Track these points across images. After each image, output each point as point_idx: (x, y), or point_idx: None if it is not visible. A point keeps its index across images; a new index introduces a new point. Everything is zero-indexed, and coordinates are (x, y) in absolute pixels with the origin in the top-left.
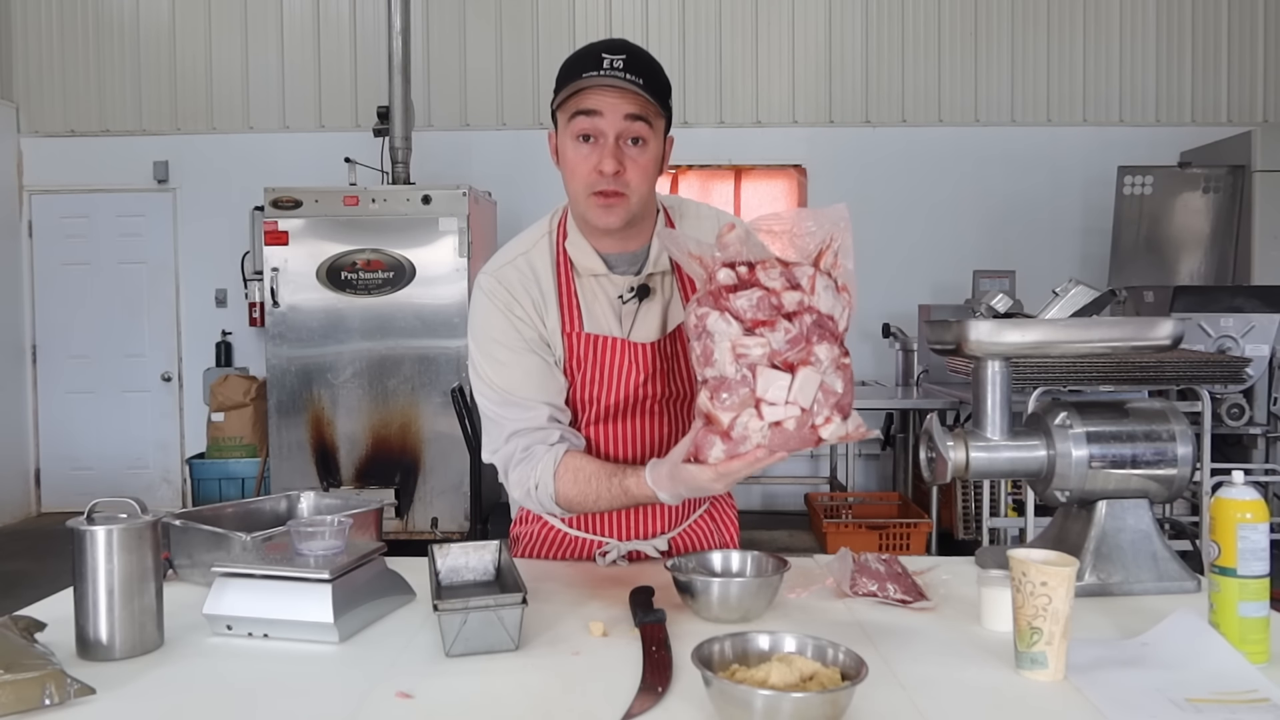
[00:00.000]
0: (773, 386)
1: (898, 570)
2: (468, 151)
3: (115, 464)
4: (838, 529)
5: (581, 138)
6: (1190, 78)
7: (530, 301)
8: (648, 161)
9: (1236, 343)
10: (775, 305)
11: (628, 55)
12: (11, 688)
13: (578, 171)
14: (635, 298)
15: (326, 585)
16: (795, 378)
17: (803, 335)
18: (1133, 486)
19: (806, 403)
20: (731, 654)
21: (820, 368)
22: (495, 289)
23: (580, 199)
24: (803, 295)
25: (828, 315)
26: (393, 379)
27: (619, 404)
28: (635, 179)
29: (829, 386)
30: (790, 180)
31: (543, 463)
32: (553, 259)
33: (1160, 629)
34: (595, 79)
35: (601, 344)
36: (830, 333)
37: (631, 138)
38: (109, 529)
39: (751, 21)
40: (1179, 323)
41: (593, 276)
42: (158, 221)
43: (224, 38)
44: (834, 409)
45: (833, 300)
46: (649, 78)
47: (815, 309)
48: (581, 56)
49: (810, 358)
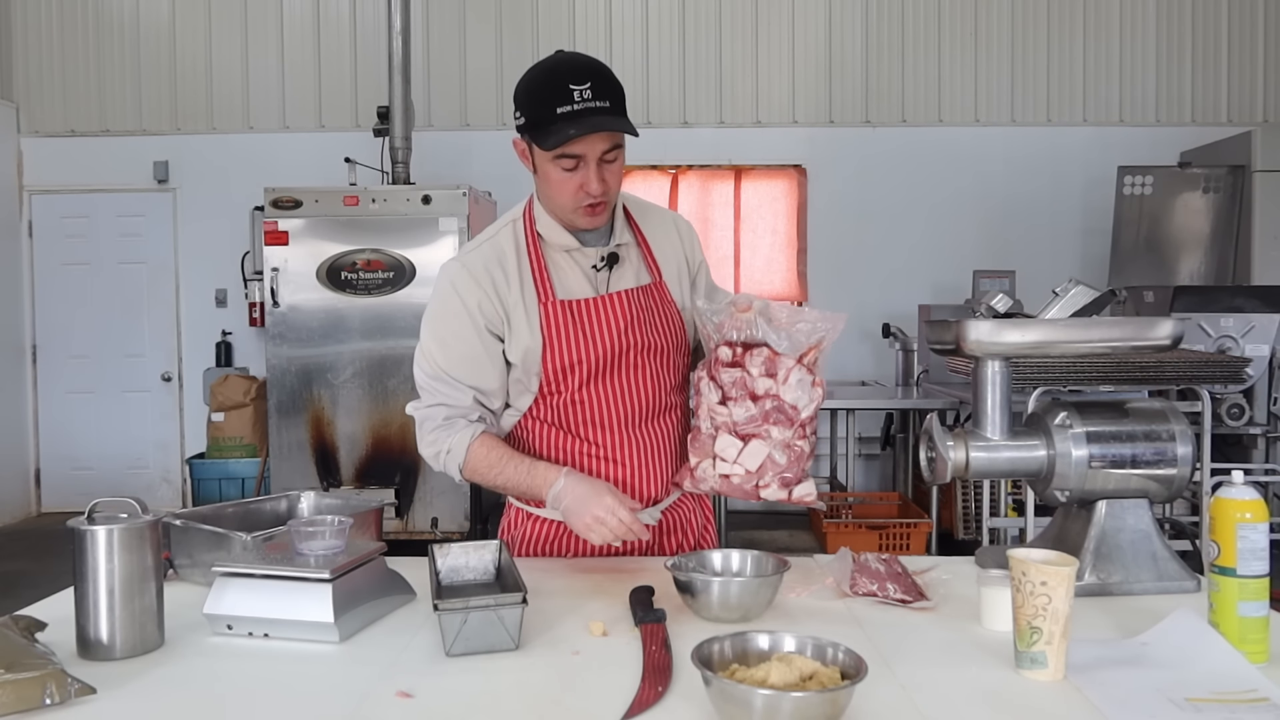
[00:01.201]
0: (726, 448)
1: (898, 570)
2: (468, 151)
3: (115, 464)
4: (838, 529)
5: (564, 167)
6: (1190, 78)
7: (491, 283)
8: (620, 168)
9: (1236, 343)
10: (749, 387)
11: (593, 81)
12: (12, 687)
13: (564, 190)
14: (606, 265)
15: (326, 585)
16: (746, 446)
17: (760, 416)
18: (1132, 486)
19: (752, 467)
20: (731, 654)
21: (770, 443)
22: (458, 273)
23: (565, 211)
24: (773, 384)
25: (791, 405)
26: (393, 379)
27: (601, 361)
28: (614, 185)
29: (774, 460)
30: (790, 180)
31: (460, 434)
32: (520, 241)
33: (1160, 629)
34: (573, 118)
35: (576, 306)
36: (789, 418)
37: (609, 160)
38: (109, 529)
39: (751, 21)
40: (1179, 323)
41: (565, 251)
42: (158, 221)
43: (224, 38)
44: (776, 478)
45: (802, 392)
46: (613, 97)
47: (779, 398)
48: (548, 87)
49: (763, 434)
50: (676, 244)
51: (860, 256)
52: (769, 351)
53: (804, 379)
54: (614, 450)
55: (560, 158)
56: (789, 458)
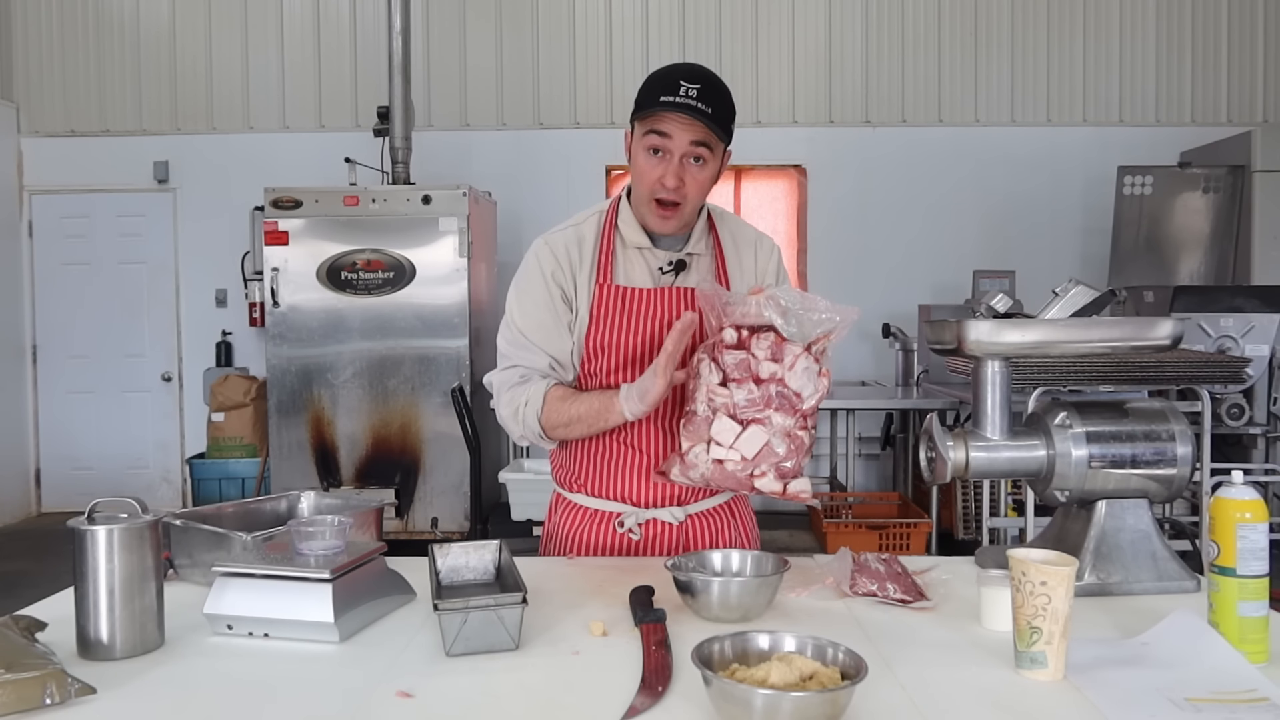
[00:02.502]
0: (724, 432)
1: (898, 570)
2: (468, 151)
3: (115, 464)
4: (838, 529)
5: (651, 150)
6: (1190, 78)
7: (568, 260)
8: (705, 178)
9: (1236, 343)
10: (752, 370)
11: (702, 85)
12: (12, 687)
13: (645, 178)
14: (673, 270)
15: (327, 585)
16: (744, 431)
17: (763, 400)
18: (1132, 486)
19: (749, 454)
20: (731, 653)
21: (770, 430)
22: (542, 248)
23: (643, 201)
24: (778, 368)
25: (795, 391)
26: (393, 379)
27: (638, 350)
28: (692, 192)
29: (772, 448)
30: (790, 180)
31: (536, 385)
32: (599, 230)
33: (1160, 629)
34: (671, 104)
35: (629, 293)
36: (791, 406)
37: (694, 157)
38: (109, 529)
39: (751, 21)
40: (1179, 323)
41: (637, 249)
42: (158, 221)
43: (224, 38)
44: (773, 467)
45: (807, 381)
46: (717, 106)
47: (784, 382)
48: (662, 79)
49: (764, 419)
50: (752, 263)
51: (860, 256)
52: (776, 336)
53: (810, 367)
54: (641, 440)
55: (650, 134)
56: (788, 448)
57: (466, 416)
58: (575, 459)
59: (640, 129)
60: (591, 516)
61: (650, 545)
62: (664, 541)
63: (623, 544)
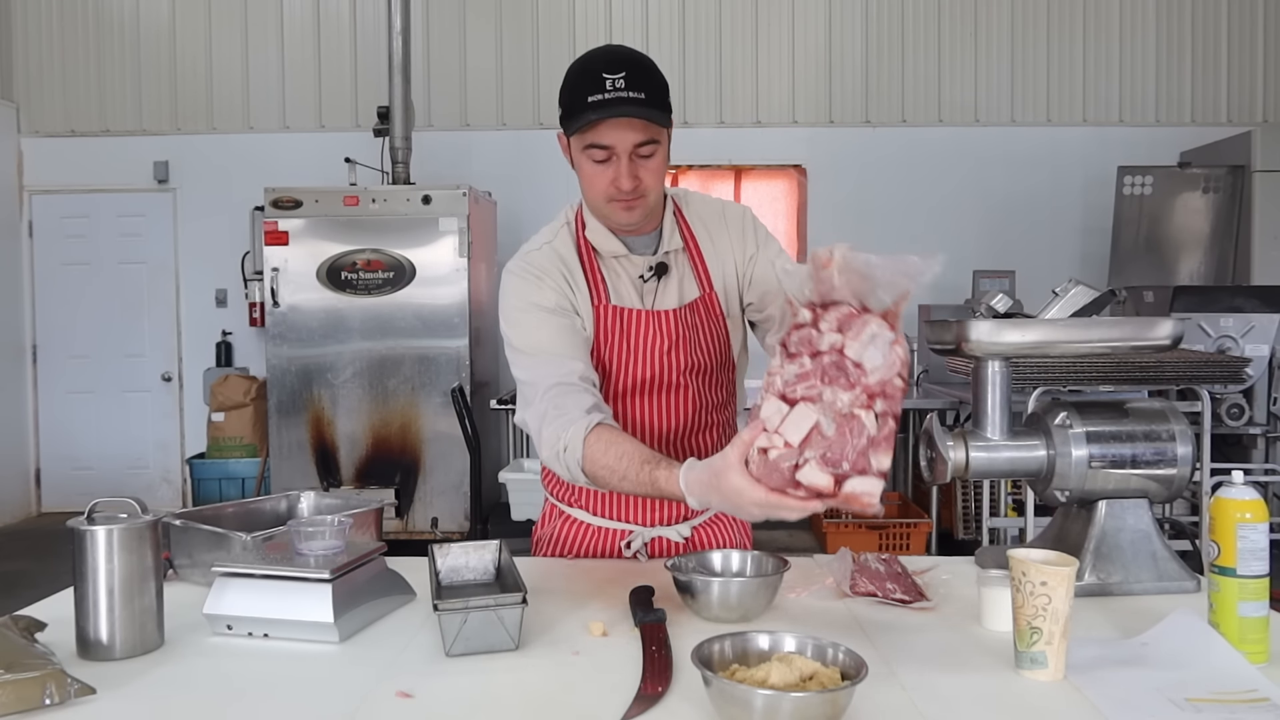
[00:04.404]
0: (772, 415)
1: (897, 570)
2: (468, 151)
3: (115, 464)
4: (838, 529)
5: (595, 159)
6: (1190, 78)
7: (560, 276)
8: (657, 164)
9: (1236, 343)
10: (813, 344)
11: (627, 71)
12: (12, 687)
13: (595, 185)
14: (655, 275)
15: (326, 585)
16: (791, 411)
17: (814, 373)
18: (1132, 486)
19: (794, 439)
20: (731, 654)
21: (820, 408)
22: (524, 268)
23: (600, 205)
24: (840, 338)
25: (855, 361)
26: (393, 379)
27: (645, 378)
28: (649, 182)
29: (822, 429)
30: (790, 180)
31: (575, 426)
32: (574, 245)
33: (1160, 629)
34: (601, 106)
35: (627, 316)
36: (849, 380)
37: (642, 154)
38: (109, 529)
39: (751, 21)
40: (1179, 323)
41: (614, 258)
42: (158, 221)
43: (224, 38)
44: (820, 457)
45: (875, 351)
46: (650, 89)
47: (842, 352)
48: (583, 75)
49: (815, 397)
50: (725, 241)
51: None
52: (849, 309)
53: (880, 334)
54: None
55: (590, 148)
56: (847, 432)
57: (466, 416)
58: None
59: (577, 142)
60: (591, 531)
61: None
62: (666, 555)
63: (615, 548)
